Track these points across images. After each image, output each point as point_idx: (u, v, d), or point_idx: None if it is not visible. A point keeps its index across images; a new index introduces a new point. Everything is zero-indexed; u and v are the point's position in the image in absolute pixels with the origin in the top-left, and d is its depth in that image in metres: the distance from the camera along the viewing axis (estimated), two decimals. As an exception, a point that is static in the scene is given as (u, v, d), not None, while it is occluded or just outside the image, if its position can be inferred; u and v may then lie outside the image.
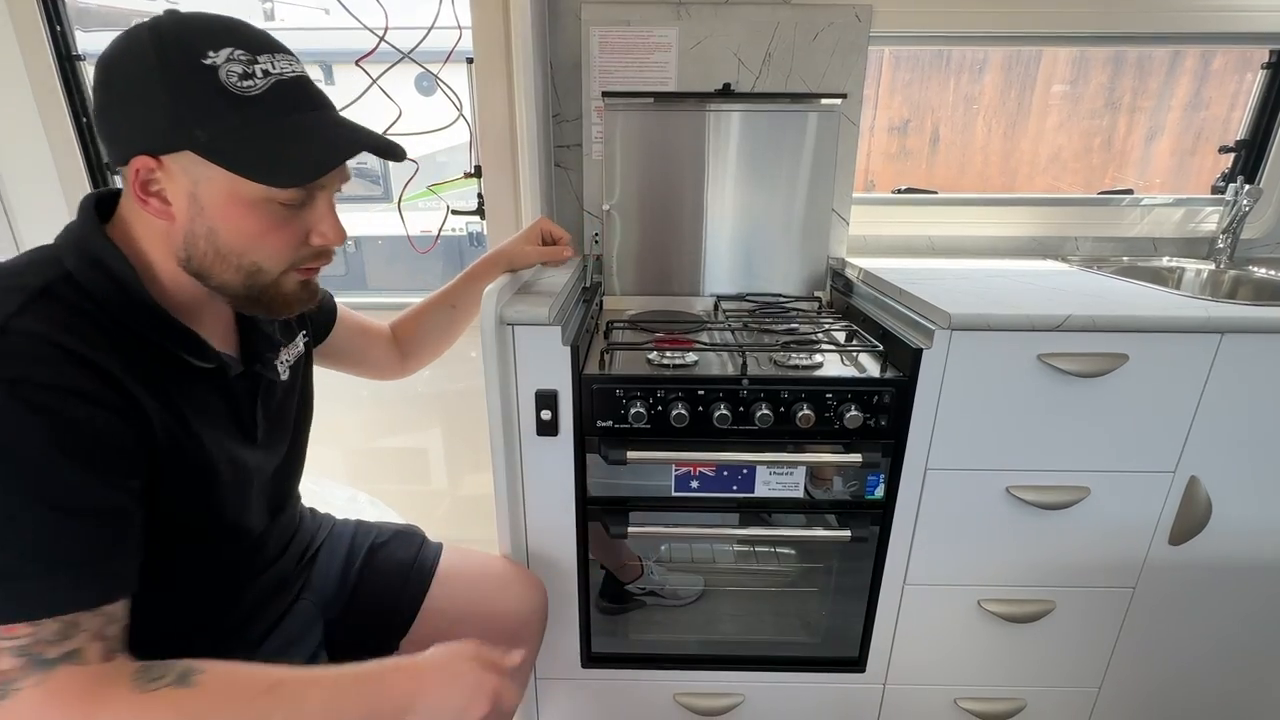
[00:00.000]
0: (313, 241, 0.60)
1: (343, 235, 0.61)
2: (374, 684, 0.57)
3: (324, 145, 0.56)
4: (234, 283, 0.58)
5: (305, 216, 0.59)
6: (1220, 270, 1.35)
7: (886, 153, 1.74)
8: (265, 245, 0.57)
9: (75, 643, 0.49)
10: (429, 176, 1.41)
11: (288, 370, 0.74)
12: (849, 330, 1.10)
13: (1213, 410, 0.93)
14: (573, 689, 1.14)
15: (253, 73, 0.54)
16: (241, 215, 0.55)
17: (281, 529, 0.76)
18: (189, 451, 0.58)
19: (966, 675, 1.11)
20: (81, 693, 0.48)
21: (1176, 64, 1.62)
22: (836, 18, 1.21)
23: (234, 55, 0.53)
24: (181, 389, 0.58)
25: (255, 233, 0.56)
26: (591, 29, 1.22)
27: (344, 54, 3.34)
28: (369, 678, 0.57)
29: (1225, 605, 1.06)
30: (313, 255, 0.61)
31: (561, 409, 0.92)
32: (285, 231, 0.58)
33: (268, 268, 0.58)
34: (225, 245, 0.56)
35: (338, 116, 0.60)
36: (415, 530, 0.95)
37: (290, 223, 0.58)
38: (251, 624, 0.71)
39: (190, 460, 0.58)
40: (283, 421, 0.73)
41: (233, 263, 0.57)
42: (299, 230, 0.59)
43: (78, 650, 0.49)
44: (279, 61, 0.56)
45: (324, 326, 0.88)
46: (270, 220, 0.57)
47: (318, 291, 0.66)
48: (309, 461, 0.82)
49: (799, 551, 1.19)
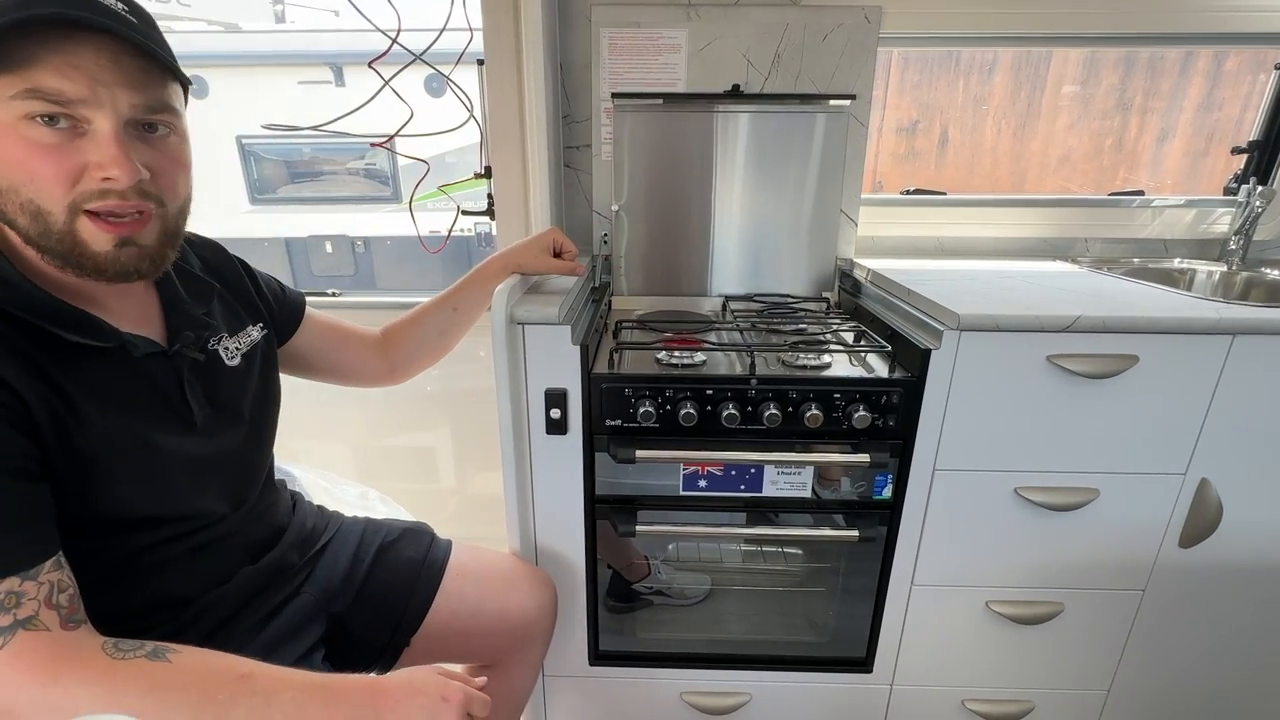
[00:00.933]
0: (92, 175, 0.54)
1: (128, 168, 0.54)
2: (338, 694, 0.56)
3: (8, 18, 0.49)
4: (29, 229, 0.54)
5: (83, 145, 0.53)
6: (1232, 272, 1.34)
7: (895, 153, 1.74)
8: (33, 177, 0.52)
9: (25, 610, 0.49)
10: (439, 177, 1.42)
11: (239, 357, 0.72)
12: (857, 331, 1.10)
13: (1224, 412, 0.92)
14: (580, 686, 1.15)
15: None
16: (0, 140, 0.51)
17: (255, 521, 0.75)
18: (79, 437, 0.55)
19: (974, 676, 1.11)
20: (47, 656, 0.49)
21: (1189, 65, 1.61)
22: (845, 19, 1.21)
23: None
24: (72, 372, 0.55)
25: (17, 160, 0.52)
26: (601, 30, 1.23)
27: (353, 55, 3.37)
28: (335, 688, 0.56)
29: (1236, 608, 1.05)
30: (96, 194, 0.54)
31: (571, 408, 0.93)
32: (53, 159, 0.52)
33: (45, 206, 0.53)
34: (1, 179, 0.52)
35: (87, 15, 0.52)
36: (425, 528, 0.96)
37: (60, 151, 0.52)
38: (247, 612, 0.71)
39: (82, 446, 0.55)
40: (232, 409, 0.71)
41: (14, 201, 0.53)
42: (73, 161, 0.53)
43: (31, 618, 0.50)
44: None
45: (288, 325, 0.86)
46: (31, 146, 0.52)
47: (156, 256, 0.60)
48: (317, 458, 0.83)
49: (806, 551, 1.19)
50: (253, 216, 3.37)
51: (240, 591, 0.71)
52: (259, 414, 0.76)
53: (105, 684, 0.49)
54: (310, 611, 0.78)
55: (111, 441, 0.58)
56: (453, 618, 0.87)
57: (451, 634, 0.88)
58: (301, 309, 0.88)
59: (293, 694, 0.54)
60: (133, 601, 0.62)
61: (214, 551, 0.69)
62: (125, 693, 0.49)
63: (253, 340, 0.76)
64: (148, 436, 0.61)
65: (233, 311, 0.75)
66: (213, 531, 0.68)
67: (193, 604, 0.66)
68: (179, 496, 0.64)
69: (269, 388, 0.79)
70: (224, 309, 0.74)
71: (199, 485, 0.67)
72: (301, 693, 0.55)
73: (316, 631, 0.78)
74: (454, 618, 0.87)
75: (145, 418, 0.61)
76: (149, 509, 0.61)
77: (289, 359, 0.87)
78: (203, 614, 0.67)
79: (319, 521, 0.88)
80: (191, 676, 0.52)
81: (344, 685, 0.57)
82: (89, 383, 0.57)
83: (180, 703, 0.50)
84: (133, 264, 0.58)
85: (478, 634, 0.90)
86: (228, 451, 0.70)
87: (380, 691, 0.57)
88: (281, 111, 3.21)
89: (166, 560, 0.64)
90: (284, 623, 0.75)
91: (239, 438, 0.72)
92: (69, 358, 0.56)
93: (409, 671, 0.61)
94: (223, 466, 0.70)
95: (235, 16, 3.03)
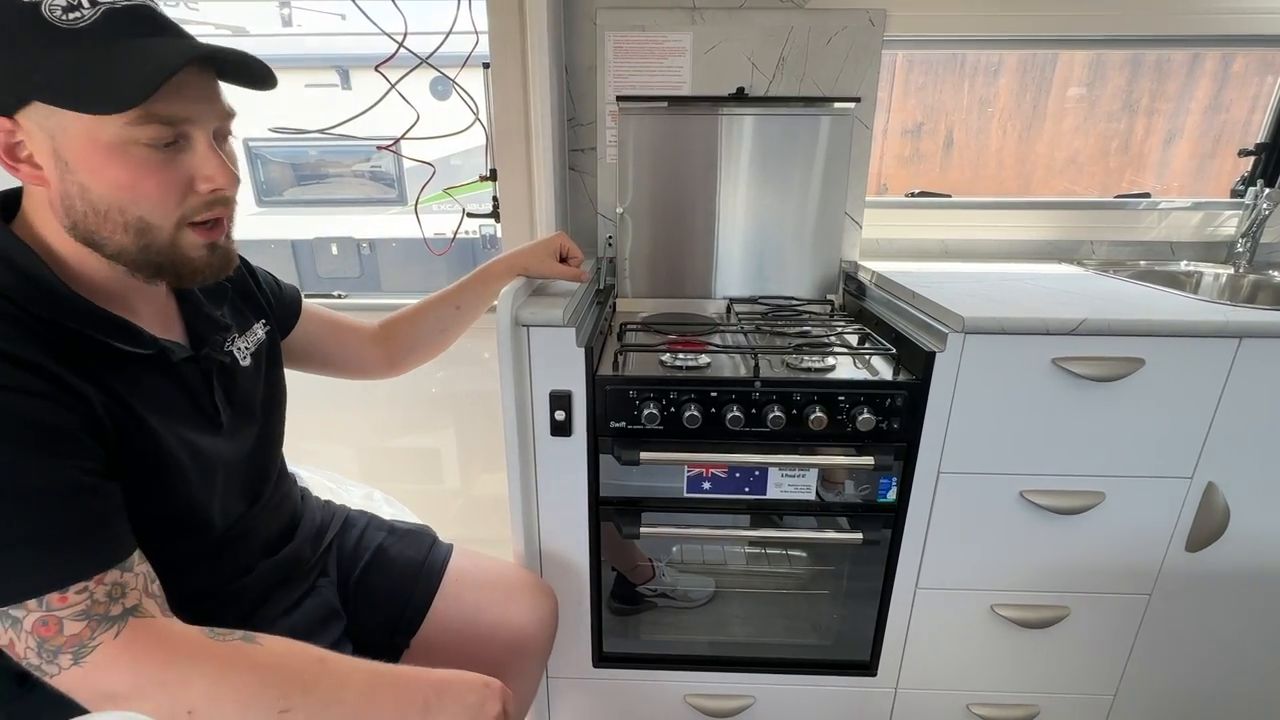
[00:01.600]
0: (198, 188, 0.57)
1: (231, 176, 0.57)
2: (401, 677, 0.60)
3: (156, 61, 0.51)
4: (128, 246, 0.55)
5: (185, 161, 0.56)
6: (1239, 274, 1.33)
7: (899, 156, 1.74)
8: (143, 196, 0.54)
9: (130, 599, 0.52)
10: (445, 179, 1.42)
11: (249, 357, 0.73)
12: (861, 333, 1.10)
13: (1231, 416, 0.92)
14: (584, 688, 1.15)
15: (78, 3, 0.51)
16: (105, 162, 0.52)
17: (270, 514, 0.76)
18: (138, 439, 0.57)
19: (979, 680, 1.11)
20: (159, 639, 0.52)
21: (1196, 66, 1.60)
22: (850, 22, 1.21)
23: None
24: (124, 378, 0.57)
25: (126, 182, 0.53)
26: (607, 34, 1.23)
27: (359, 59, 3.38)
28: (397, 672, 0.60)
29: (1243, 613, 1.04)
30: (204, 205, 0.57)
31: (575, 410, 0.93)
32: (162, 178, 0.54)
33: (155, 223, 0.55)
34: (101, 200, 0.53)
35: (191, 40, 0.55)
36: (427, 530, 0.96)
37: (166, 168, 0.54)
38: (267, 606, 0.72)
39: (141, 447, 0.57)
40: (248, 409, 0.72)
41: (117, 221, 0.54)
42: (179, 176, 0.55)
43: (137, 606, 0.52)
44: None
45: (288, 319, 0.86)
46: (139, 165, 0.53)
47: (231, 256, 0.64)
48: (322, 459, 0.83)
49: (810, 554, 1.19)
50: (259, 219, 3.40)
51: (260, 584, 0.72)
52: (269, 411, 0.77)
53: (214, 663, 0.52)
54: (332, 605, 0.80)
55: (165, 445, 0.59)
56: (451, 622, 0.87)
57: (450, 639, 0.88)
58: (298, 302, 0.89)
59: (363, 675, 0.58)
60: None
61: (235, 546, 0.70)
62: (231, 671, 0.52)
63: (259, 339, 0.77)
64: (192, 440, 0.63)
65: (239, 311, 0.76)
66: (234, 529, 0.70)
67: (215, 597, 0.67)
68: (215, 497, 0.66)
69: (276, 384, 0.80)
70: (232, 309, 0.75)
71: (228, 485, 0.68)
72: (370, 675, 0.58)
73: (339, 627, 0.79)
74: (452, 623, 0.87)
75: (186, 422, 0.63)
76: (192, 509, 0.63)
77: (288, 352, 0.88)
78: (225, 606, 0.68)
79: (325, 515, 0.89)
80: (280, 658, 0.56)
81: (403, 672, 0.61)
82: (140, 389, 0.58)
83: (274, 681, 0.54)
84: (221, 265, 0.62)
85: (475, 641, 0.89)
86: (246, 450, 0.72)
87: (436, 678, 0.61)
88: (288, 115, 3.24)
89: (193, 557, 0.65)
90: (305, 616, 0.76)
91: (254, 436, 0.73)
92: (120, 365, 0.57)
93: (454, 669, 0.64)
94: (243, 465, 0.71)
95: (243, 20, 3.05)
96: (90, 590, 0.50)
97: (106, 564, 0.51)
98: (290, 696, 0.53)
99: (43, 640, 0.49)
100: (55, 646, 0.49)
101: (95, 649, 0.49)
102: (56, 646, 0.49)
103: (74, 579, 0.50)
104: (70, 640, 0.49)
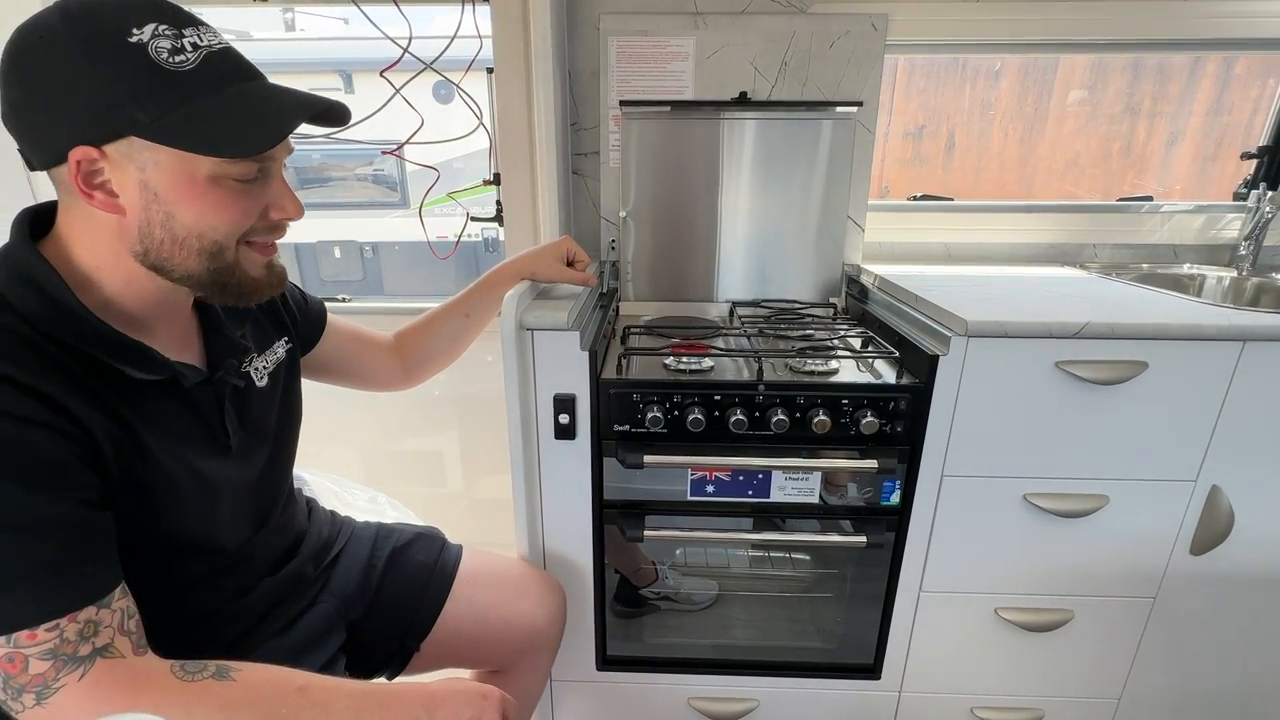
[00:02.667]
0: (272, 216, 0.61)
1: (299, 207, 0.62)
2: (390, 698, 0.59)
3: (273, 112, 0.55)
4: (197, 269, 0.58)
5: (260, 191, 0.59)
6: (1242, 278, 1.33)
7: (901, 159, 1.74)
8: (225, 223, 0.57)
9: (102, 639, 0.51)
10: (448, 183, 1.43)
11: (266, 377, 0.73)
12: (865, 337, 1.10)
13: (1235, 419, 0.92)
14: (587, 691, 1.15)
15: (182, 46, 0.53)
16: (199, 195, 0.55)
17: (275, 535, 0.76)
18: (139, 467, 0.57)
19: (983, 684, 1.10)
20: (125, 681, 0.50)
21: (1197, 69, 1.61)
22: (852, 26, 1.22)
23: (159, 30, 0.52)
24: (133, 403, 0.57)
25: (213, 211, 0.56)
26: (610, 38, 1.24)
27: (363, 63, 3.39)
28: (385, 693, 0.59)
29: (1248, 616, 1.04)
30: (268, 229, 0.62)
31: (579, 413, 0.93)
32: (245, 207, 0.58)
33: (225, 244, 0.58)
34: (184, 228, 0.56)
35: (273, 84, 0.59)
36: (436, 533, 0.96)
37: (246, 197, 0.58)
38: (266, 623, 0.72)
39: (141, 474, 0.57)
40: (260, 431, 0.72)
41: (193, 247, 0.57)
42: (255, 205, 0.59)
43: (108, 645, 0.51)
44: (204, 34, 0.55)
45: (312, 335, 0.87)
46: (227, 197, 0.56)
47: (284, 274, 0.67)
48: (328, 462, 0.83)
49: (814, 557, 1.19)
50: (262, 222, 3.41)
51: (261, 602, 0.71)
52: (282, 432, 0.76)
53: (180, 706, 0.51)
54: (330, 620, 0.79)
55: (168, 472, 0.59)
56: (462, 623, 0.88)
57: (461, 639, 0.88)
58: (324, 318, 0.89)
59: (347, 701, 0.56)
60: (155, 619, 0.62)
61: (237, 569, 0.69)
62: (198, 714, 0.51)
63: (278, 358, 0.76)
64: (197, 465, 0.62)
65: (261, 329, 0.76)
66: (239, 554, 0.69)
67: (214, 617, 0.67)
68: (217, 522, 0.65)
69: (292, 404, 0.79)
70: (254, 327, 0.75)
71: (234, 509, 0.68)
72: (355, 699, 0.57)
73: (337, 640, 0.79)
74: (463, 623, 0.88)
75: (193, 446, 0.62)
76: (192, 536, 0.63)
77: (308, 365, 0.88)
78: (224, 625, 0.67)
79: (331, 530, 0.88)
80: (256, 694, 0.54)
81: (393, 690, 0.60)
82: (148, 414, 0.58)
83: (248, 718, 0.52)
84: (278, 282, 0.65)
85: (487, 640, 0.90)
86: (255, 473, 0.71)
87: (428, 694, 0.60)
88: (291, 118, 3.23)
89: (192, 580, 0.65)
90: (304, 631, 0.75)
91: (264, 458, 0.72)
92: (130, 390, 0.57)
93: (442, 678, 0.64)
94: (252, 489, 0.70)
95: (247, 25, 3.07)
96: (61, 628, 0.49)
97: (82, 602, 0.50)
98: None
99: (8, 676, 0.48)
100: (19, 685, 0.48)
101: (58, 690, 0.48)
102: (20, 685, 0.48)
103: (47, 616, 0.48)
104: (34, 680, 0.48)
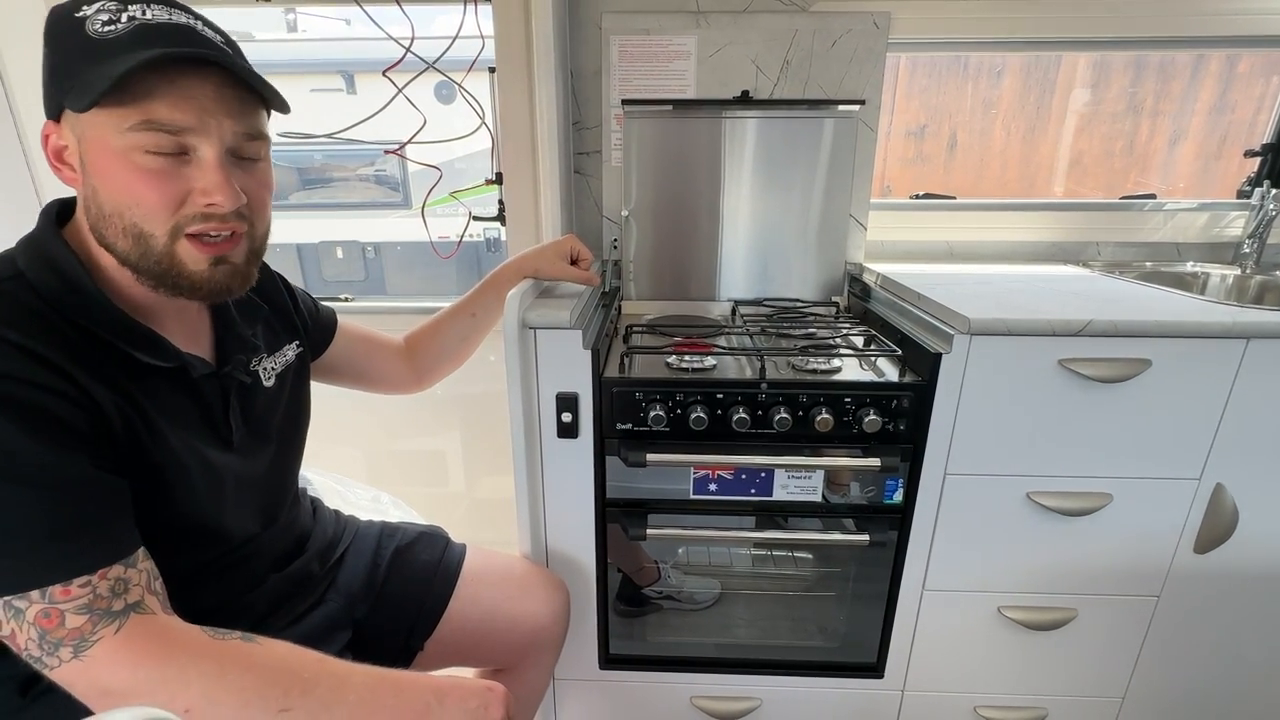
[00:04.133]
0: (194, 201, 0.56)
1: (230, 194, 0.56)
2: (401, 681, 0.59)
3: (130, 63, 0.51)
4: (128, 252, 0.56)
5: (181, 173, 0.55)
6: (1246, 275, 1.33)
7: (903, 157, 1.74)
8: (139, 202, 0.54)
9: (133, 595, 0.52)
10: (450, 182, 1.43)
11: (274, 378, 0.73)
12: (867, 335, 1.10)
13: (1239, 417, 0.91)
14: (590, 690, 1.15)
15: (118, 19, 0.53)
16: (111, 167, 0.54)
17: (282, 533, 0.76)
18: (148, 443, 0.57)
19: (987, 683, 1.10)
20: (159, 636, 0.52)
21: (1200, 67, 1.60)
22: (854, 24, 1.22)
23: (104, 6, 0.53)
24: (143, 387, 0.58)
25: (125, 187, 0.54)
26: (611, 38, 1.24)
27: (365, 63, 3.39)
28: (397, 676, 0.60)
29: (1253, 615, 1.04)
30: (198, 217, 0.57)
31: (582, 412, 0.94)
32: (161, 187, 0.55)
33: (148, 229, 0.55)
34: (107, 203, 0.55)
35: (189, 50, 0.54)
36: (440, 531, 0.96)
37: (167, 178, 0.55)
38: (273, 619, 0.72)
39: (154, 457, 0.58)
40: (263, 430, 0.72)
41: (118, 226, 0.55)
42: (179, 188, 0.55)
43: (139, 602, 0.52)
44: (155, 9, 0.54)
45: (322, 339, 0.88)
46: (141, 173, 0.54)
47: (244, 276, 0.62)
48: (330, 461, 0.84)
49: (816, 556, 1.19)
50: (264, 222, 3.42)
51: (267, 599, 0.72)
52: (287, 434, 0.77)
53: (213, 661, 0.52)
54: (336, 619, 0.79)
55: (178, 456, 0.60)
56: (466, 622, 0.88)
57: (465, 638, 0.88)
58: (333, 325, 0.90)
59: (363, 678, 0.58)
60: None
61: (244, 565, 0.70)
62: (230, 669, 0.52)
63: (288, 360, 0.77)
64: (202, 451, 0.63)
65: (273, 330, 0.76)
66: (245, 549, 0.70)
67: (225, 610, 0.67)
68: (224, 510, 0.66)
69: (299, 407, 0.80)
70: (265, 328, 0.75)
71: (240, 503, 0.68)
72: (371, 677, 0.58)
73: (343, 638, 0.79)
74: (468, 622, 0.88)
75: (197, 435, 0.63)
76: (200, 521, 0.63)
77: (320, 369, 0.89)
78: (234, 619, 0.67)
79: (336, 529, 0.89)
80: (280, 658, 0.56)
81: (406, 675, 0.61)
82: (157, 398, 0.59)
83: (273, 680, 0.53)
84: (225, 282, 0.60)
85: (491, 638, 0.90)
86: (259, 472, 0.71)
87: (436, 684, 0.61)
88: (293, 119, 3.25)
89: (200, 574, 0.65)
90: (311, 628, 0.76)
91: (267, 459, 0.73)
92: (139, 373, 0.58)
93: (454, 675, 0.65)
94: (256, 486, 0.71)
95: (249, 26, 3.08)
96: (93, 584, 0.50)
97: (111, 558, 0.52)
98: (290, 696, 0.53)
99: (44, 632, 0.49)
100: (56, 639, 0.49)
101: (95, 643, 0.50)
102: (58, 639, 0.49)
103: (78, 571, 0.50)
104: (71, 634, 0.49)
